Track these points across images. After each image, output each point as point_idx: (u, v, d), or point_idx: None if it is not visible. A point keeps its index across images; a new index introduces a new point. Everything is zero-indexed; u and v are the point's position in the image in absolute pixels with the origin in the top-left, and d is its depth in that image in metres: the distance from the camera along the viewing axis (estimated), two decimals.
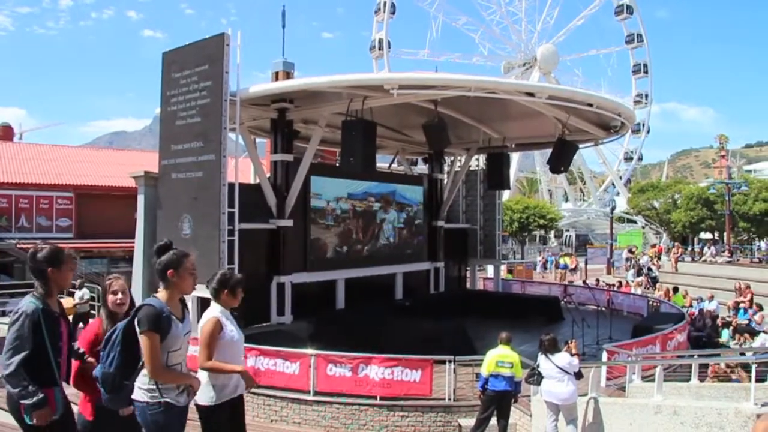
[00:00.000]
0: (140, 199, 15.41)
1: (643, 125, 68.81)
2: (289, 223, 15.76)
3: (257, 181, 16.07)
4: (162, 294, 4.09)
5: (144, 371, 3.94)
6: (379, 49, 65.28)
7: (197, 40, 13.82)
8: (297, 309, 15.77)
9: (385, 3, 65.70)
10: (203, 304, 13.26)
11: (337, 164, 20.64)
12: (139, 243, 15.34)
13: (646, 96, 69.89)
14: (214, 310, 4.68)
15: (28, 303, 3.98)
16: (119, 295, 4.64)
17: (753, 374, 7.76)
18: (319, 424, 11.16)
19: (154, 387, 3.94)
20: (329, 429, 11.06)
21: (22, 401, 3.84)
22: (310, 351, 11.60)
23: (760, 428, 2.11)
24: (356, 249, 18.58)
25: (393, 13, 66.14)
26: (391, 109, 16.52)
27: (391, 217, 19.96)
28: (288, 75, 16.69)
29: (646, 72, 69.73)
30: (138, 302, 4.16)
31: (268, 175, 16.14)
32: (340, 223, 17.96)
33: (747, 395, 7.53)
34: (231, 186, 13.18)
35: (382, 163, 24.45)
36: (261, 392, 11.54)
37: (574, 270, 37.71)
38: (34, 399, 3.82)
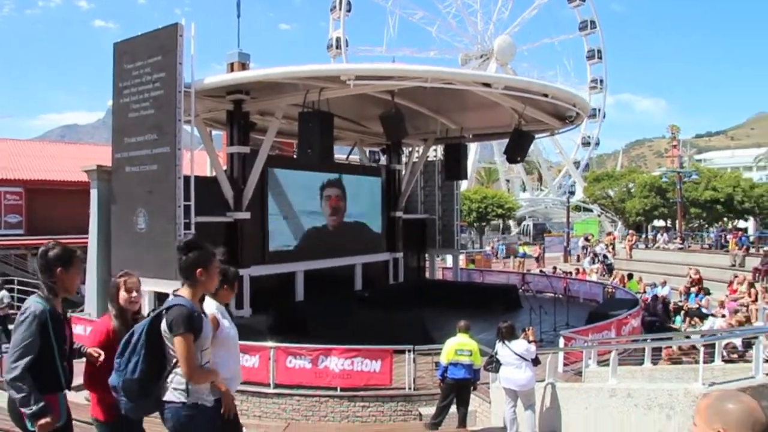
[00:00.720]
0: (93, 194, 15.12)
1: (599, 110, 69.93)
2: (247, 215, 15.64)
3: (214, 173, 15.89)
4: (186, 292, 3.88)
5: (177, 371, 3.75)
6: (337, 47, 64.99)
7: (150, 30, 13.56)
8: (256, 302, 15.67)
9: (340, 0, 65.39)
10: (161, 299, 13.12)
11: (295, 156, 20.51)
12: (92, 239, 15.06)
13: (601, 81, 71.05)
14: (211, 306, 4.44)
15: (35, 303, 3.78)
16: (134, 294, 4.44)
17: (701, 356, 8.00)
18: (280, 417, 11.12)
19: (185, 388, 3.78)
20: (290, 421, 11.02)
21: (22, 408, 3.64)
22: (269, 344, 11.54)
23: (702, 405, 2.17)
24: (315, 241, 18.52)
25: (349, 10, 65.93)
26: (348, 100, 16.49)
27: (349, 208, 19.94)
28: (243, 66, 16.47)
29: (600, 57, 70.87)
30: (93, 301, 4.02)
31: (224, 167, 15.97)
32: (298, 214, 17.87)
33: (696, 376, 7.75)
34: (187, 179, 13.00)
35: (340, 154, 24.42)
36: None
37: (538, 259, 37.95)
38: (35, 408, 3.61)
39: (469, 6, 68.96)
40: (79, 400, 5.84)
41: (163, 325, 3.72)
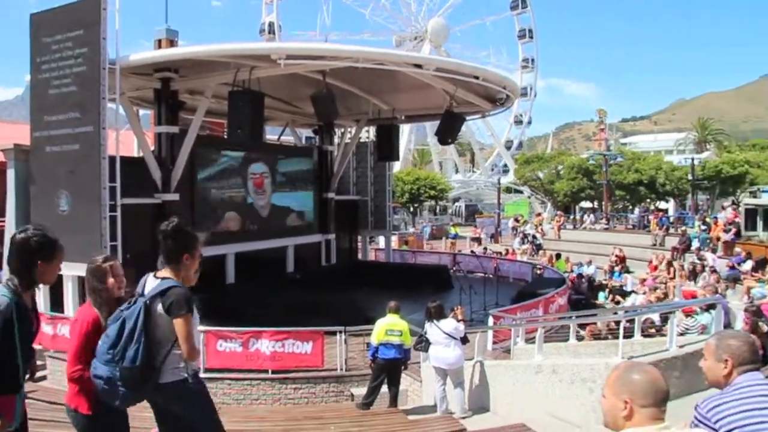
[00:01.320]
0: (10, 174, 14.49)
1: (531, 89, 71.09)
2: (175, 197, 15.28)
3: (141, 154, 15.47)
4: (171, 275, 3.87)
5: (175, 351, 3.72)
6: (270, 32, 63.58)
7: (70, 2, 12.98)
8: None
9: None
10: (82, 283, 12.75)
11: (225, 136, 20.16)
12: (9, 221, 14.45)
13: (533, 60, 72.08)
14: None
15: (0, 296, 3.42)
16: (122, 279, 4.30)
17: (621, 331, 8.34)
18: None
19: (184, 365, 3.79)
20: (221, 405, 10.91)
21: None
22: (199, 327, 11.36)
23: (611, 377, 2.37)
24: (246, 222, 18.30)
25: None
26: (280, 79, 16.29)
27: (280, 189, 19.76)
28: (172, 43, 16.02)
29: (531, 37, 71.71)
30: None
31: (152, 147, 15.56)
32: (229, 196, 17.60)
33: (617, 351, 8.07)
34: (112, 159, 12.61)
35: (272, 135, 24.15)
36: None
37: (478, 239, 37.82)
38: None
39: None
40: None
41: (159, 308, 3.69)
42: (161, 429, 4.08)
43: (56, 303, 13.24)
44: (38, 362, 12.69)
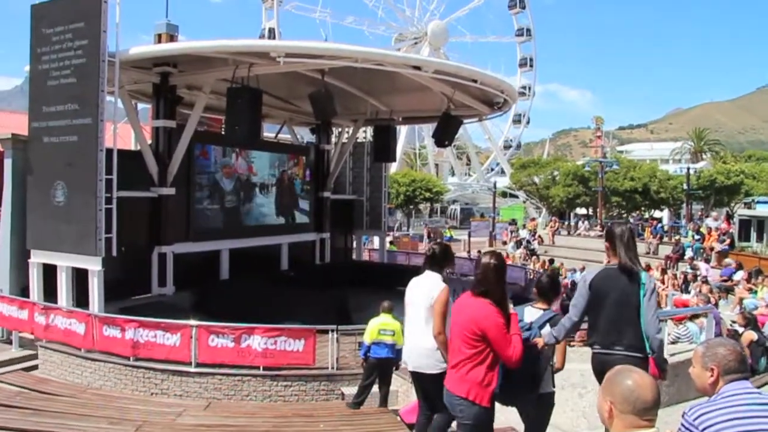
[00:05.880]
0: (7, 164, 14.45)
1: (530, 88, 71.18)
2: (171, 191, 15.31)
3: (138, 147, 15.47)
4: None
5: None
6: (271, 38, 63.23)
7: None
8: (179, 280, 15.42)
9: None
10: (78, 274, 12.78)
11: (222, 132, 20.17)
12: (6, 211, 14.43)
13: (531, 60, 72.28)
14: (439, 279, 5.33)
15: None
16: None
17: None
18: (202, 396, 11.00)
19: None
20: (211, 401, 10.91)
21: None
22: (191, 322, 11.38)
23: (604, 380, 2.41)
24: (241, 219, 18.32)
25: None
26: (278, 77, 16.31)
27: (277, 187, 19.78)
28: (171, 38, 16.01)
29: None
30: (5, 275, 3.78)
31: (149, 141, 15.56)
32: (224, 192, 17.62)
33: None
34: (109, 152, 12.58)
35: (269, 132, 24.16)
36: (141, 365, 11.24)
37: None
38: None
39: None
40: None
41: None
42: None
43: (50, 293, 13.25)
44: (30, 352, 12.74)
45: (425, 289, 5.28)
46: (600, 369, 4.65)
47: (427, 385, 5.33)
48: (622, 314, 4.67)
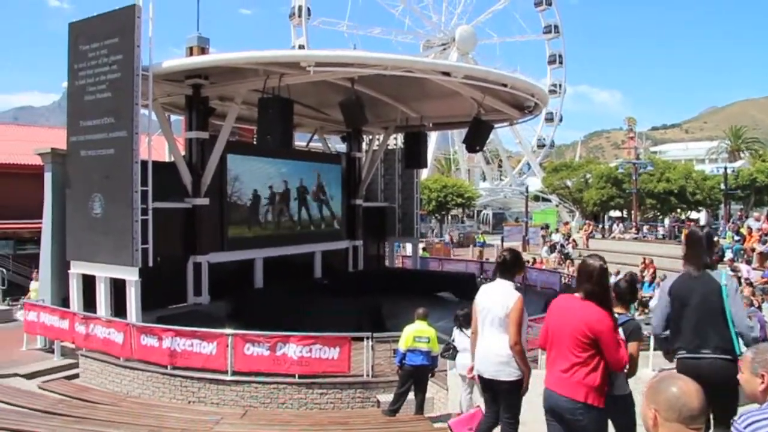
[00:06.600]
0: (47, 177, 14.80)
1: (560, 86, 70.53)
2: (205, 201, 15.51)
3: (172, 159, 15.70)
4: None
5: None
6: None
7: (107, 11, 13.26)
8: (214, 289, 15.57)
9: None
10: (116, 284, 12.98)
11: (254, 142, 20.36)
12: (46, 223, 14.76)
13: (560, 56, 71.70)
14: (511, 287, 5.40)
15: None
16: None
17: (651, 343, 8.23)
18: (238, 404, 11.09)
19: None
20: (248, 409, 11.00)
21: None
22: (227, 331, 11.49)
23: (648, 386, 2.35)
24: (274, 228, 18.45)
25: None
26: (309, 86, 16.41)
27: (310, 195, 19.89)
28: (203, 50, 16.27)
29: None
30: (47, 286, 3.86)
31: (183, 153, 15.78)
32: (258, 201, 17.78)
33: (647, 362, 7.98)
34: (144, 164, 12.81)
35: (301, 141, 24.33)
36: (178, 374, 11.38)
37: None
38: None
39: None
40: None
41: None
42: None
43: (89, 303, 13.52)
44: (71, 360, 12.99)
45: (499, 297, 5.27)
46: (690, 375, 4.56)
47: (502, 393, 5.39)
48: (705, 317, 4.60)
